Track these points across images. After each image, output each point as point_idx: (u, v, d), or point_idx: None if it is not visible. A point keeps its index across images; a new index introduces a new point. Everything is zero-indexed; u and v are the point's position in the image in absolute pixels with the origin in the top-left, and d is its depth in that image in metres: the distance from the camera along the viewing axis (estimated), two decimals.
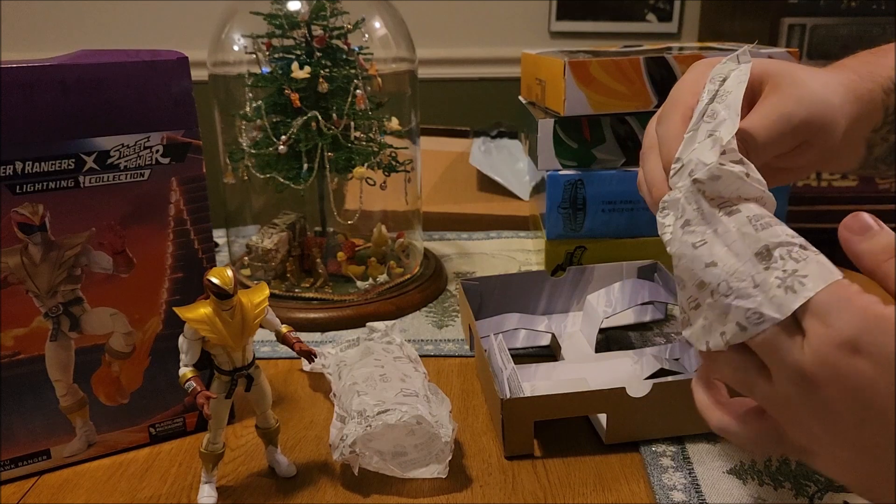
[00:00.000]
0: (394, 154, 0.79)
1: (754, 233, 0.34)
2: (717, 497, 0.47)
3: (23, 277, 0.48)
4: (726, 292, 0.34)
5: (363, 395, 0.50)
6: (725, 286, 0.34)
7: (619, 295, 0.67)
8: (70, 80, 0.46)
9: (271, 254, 0.77)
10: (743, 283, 0.33)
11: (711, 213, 0.36)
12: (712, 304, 0.35)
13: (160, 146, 0.50)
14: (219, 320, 0.44)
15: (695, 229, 0.36)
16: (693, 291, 0.36)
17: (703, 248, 0.35)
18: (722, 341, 0.35)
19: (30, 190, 0.47)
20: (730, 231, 0.35)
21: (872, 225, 0.32)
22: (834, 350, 0.30)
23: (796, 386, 0.32)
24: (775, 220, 0.35)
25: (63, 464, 0.52)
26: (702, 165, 0.36)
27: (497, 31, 2.27)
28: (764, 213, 0.35)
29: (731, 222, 0.35)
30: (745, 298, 0.33)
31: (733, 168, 0.36)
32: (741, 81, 0.39)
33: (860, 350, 0.29)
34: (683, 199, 0.37)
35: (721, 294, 0.34)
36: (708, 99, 0.39)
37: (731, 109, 0.38)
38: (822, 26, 1.80)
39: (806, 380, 0.31)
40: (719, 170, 0.36)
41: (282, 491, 0.49)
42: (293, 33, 0.74)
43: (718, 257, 0.35)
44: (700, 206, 0.36)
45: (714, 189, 0.36)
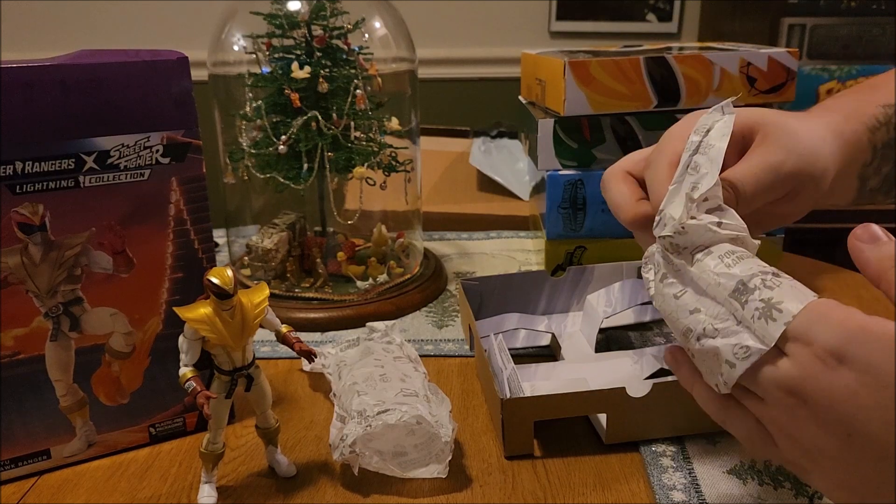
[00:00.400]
0: (394, 154, 0.79)
1: (728, 270, 0.35)
2: (717, 497, 0.47)
3: (23, 277, 0.48)
4: (712, 335, 0.35)
5: (363, 395, 0.50)
6: (711, 329, 0.35)
7: (619, 295, 0.67)
8: (70, 79, 0.46)
9: (271, 254, 0.77)
10: (726, 322, 0.34)
11: (682, 265, 0.37)
12: (700, 349, 0.36)
13: (160, 146, 0.50)
14: (219, 320, 0.44)
15: (672, 281, 0.38)
16: (682, 341, 0.37)
17: (685, 297, 0.37)
18: (722, 382, 0.35)
19: (30, 190, 0.47)
20: (703, 276, 0.36)
21: (881, 236, 0.33)
22: (818, 363, 0.30)
23: (785, 403, 0.32)
24: (747, 252, 0.36)
25: (63, 464, 0.52)
26: (671, 220, 0.37)
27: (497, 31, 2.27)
28: (735, 249, 0.36)
29: (704, 266, 0.36)
30: (730, 336, 0.34)
31: (701, 221, 0.37)
32: (724, 134, 0.39)
33: (843, 361, 0.30)
34: (658, 255, 0.39)
35: (707, 337, 0.35)
36: (692, 150, 0.40)
37: (712, 163, 0.38)
38: (822, 26, 1.80)
39: (793, 395, 0.32)
40: (686, 226, 0.37)
41: (282, 491, 0.49)
42: (293, 33, 0.74)
43: (699, 303, 0.36)
44: (670, 260, 0.38)
45: (685, 241, 0.37)
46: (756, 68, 0.74)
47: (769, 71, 0.74)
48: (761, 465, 0.50)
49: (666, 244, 0.38)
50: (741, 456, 0.51)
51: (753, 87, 0.75)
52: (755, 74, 0.74)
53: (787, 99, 0.76)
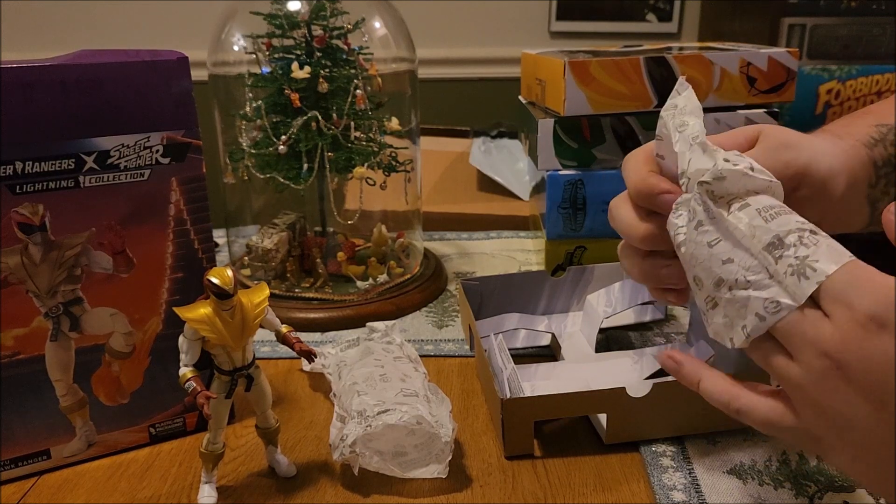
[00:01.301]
0: (394, 154, 0.79)
1: (764, 224, 0.34)
2: (717, 497, 0.47)
3: (23, 277, 0.48)
4: (744, 286, 0.34)
5: (363, 395, 0.50)
6: (743, 280, 0.34)
7: (619, 295, 0.67)
8: (70, 80, 0.46)
9: (271, 254, 0.77)
10: (758, 275, 0.34)
11: (720, 213, 0.37)
12: (731, 299, 0.35)
13: (160, 146, 0.50)
14: (219, 320, 0.44)
15: (708, 229, 0.37)
16: (711, 290, 0.37)
17: (719, 246, 0.36)
18: (743, 335, 0.35)
19: (30, 190, 0.47)
20: (740, 227, 0.35)
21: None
22: (859, 329, 0.30)
23: (821, 368, 0.32)
24: (786, 208, 0.35)
25: (63, 464, 0.52)
26: (703, 171, 0.37)
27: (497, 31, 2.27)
28: (774, 204, 0.36)
29: (741, 218, 0.35)
30: (762, 289, 0.34)
31: (736, 166, 0.37)
32: (690, 95, 0.42)
33: (885, 326, 0.29)
34: (693, 202, 0.38)
35: (739, 288, 0.35)
36: (671, 123, 0.41)
37: (694, 112, 0.40)
38: (822, 26, 1.80)
39: (831, 360, 0.31)
40: (723, 171, 0.36)
41: (282, 491, 0.49)
42: (293, 33, 0.74)
43: (733, 254, 0.35)
44: (708, 207, 0.37)
45: (722, 188, 0.37)
46: (756, 68, 0.74)
47: (769, 71, 0.74)
48: (762, 465, 0.50)
49: (703, 191, 0.37)
50: (741, 456, 0.51)
51: (753, 87, 0.75)
52: (755, 74, 0.74)
53: (787, 99, 0.76)
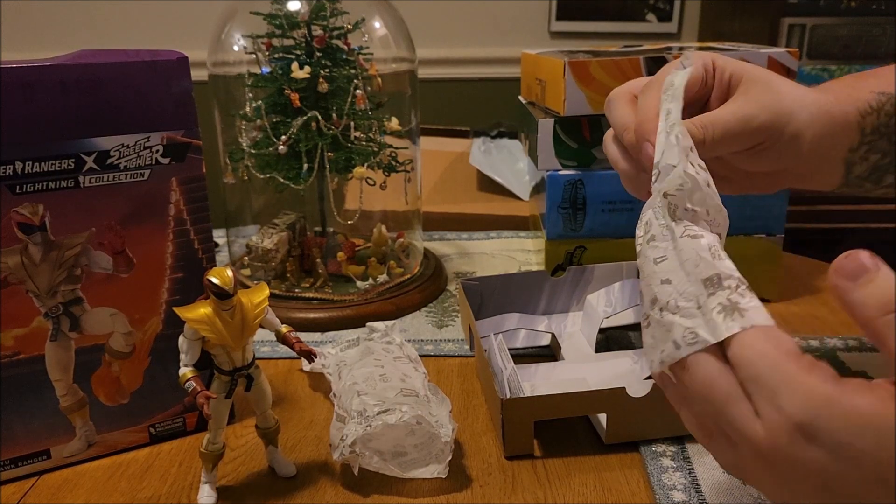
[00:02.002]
0: (394, 154, 0.79)
1: (710, 260, 0.34)
2: (717, 497, 0.47)
3: (23, 277, 0.48)
4: (673, 310, 0.34)
5: (363, 395, 0.50)
6: (674, 304, 0.34)
7: (619, 295, 0.67)
8: (70, 80, 0.46)
9: (271, 254, 0.77)
10: (689, 303, 0.34)
11: (672, 230, 0.37)
12: (659, 321, 0.35)
13: (160, 146, 0.50)
14: (219, 320, 0.44)
15: (658, 245, 0.37)
16: (647, 307, 0.36)
17: (663, 265, 0.36)
18: (658, 360, 0.34)
19: (30, 190, 0.47)
20: (688, 251, 0.35)
21: (869, 266, 0.28)
22: (787, 437, 0.28)
23: (754, 462, 0.30)
24: (729, 259, 0.35)
25: (63, 464, 0.52)
26: (670, 168, 0.38)
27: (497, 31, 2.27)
28: (721, 249, 0.36)
29: (692, 244, 0.35)
30: (687, 318, 0.33)
31: (699, 175, 0.37)
32: (684, 78, 0.44)
33: (814, 438, 0.27)
34: (651, 214, 0.38)
35: (669, 311, 0.34)
36: (661, 106, 0.43)
37: (676, 102, 0.42)
38: (822, 26, 1.80)
39: (762, 459, 0.30)
40: (686, 176, 0.37)
41: (282, 491, 0.49)
42: (293, 33, 0.74)
43: (673, 275, 0.35)
44: (667, 222, 0.37)
45: (682, 199, 0.37)
46: None
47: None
48: None
49: (666, 204, 0.37)
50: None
51: None
52: None
53: None
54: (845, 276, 0.28)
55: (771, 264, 0.76)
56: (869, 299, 0.27)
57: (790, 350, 0.29)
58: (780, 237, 0.77)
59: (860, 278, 0.28)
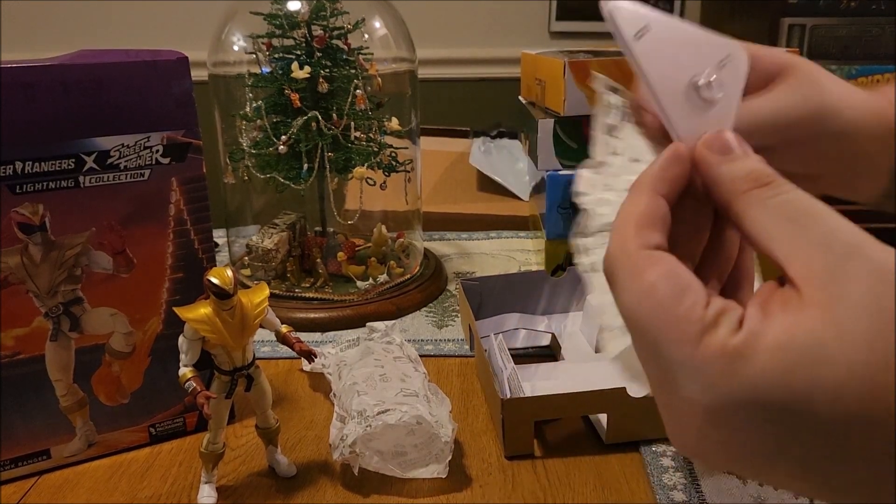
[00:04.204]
0: (394, 154, 0.79)
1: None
2: (717, 497, 0.47)
3: (23, 277, 0.48)
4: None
5: (363, 395, 0.50)
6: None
7: None
8: (70, 80, 0.46)
9: (271, 254, 0.77)
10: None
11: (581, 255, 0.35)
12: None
13: (160, 146, 0.50)
14: (219, 320, 0.44)
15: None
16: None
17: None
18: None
19: (30, 190, 0.47)
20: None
21: (734, 147, 0.27)
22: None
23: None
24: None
25: (63, 464, 0.52)
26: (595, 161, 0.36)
27: (497, 31, 2.27)
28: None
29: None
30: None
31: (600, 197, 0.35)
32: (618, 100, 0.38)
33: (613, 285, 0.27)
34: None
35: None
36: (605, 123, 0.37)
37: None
38: (821, 26, 1.80)
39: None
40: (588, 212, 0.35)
41: (282, 491, 0.49)
42: (293, 33, 0.74)
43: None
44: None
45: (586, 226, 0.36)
46: None
47: None
48: None
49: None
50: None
51: None
52: None
53: None
54: (715, 149, 0.27)
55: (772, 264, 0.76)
56: (738, 172, 0.26)
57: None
58: None
59: (730, 154, 0.27)
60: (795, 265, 0.23)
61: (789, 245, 0.24)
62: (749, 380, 0.22)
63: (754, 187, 0.25)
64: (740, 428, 0.22)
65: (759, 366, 0.22)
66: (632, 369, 0.31)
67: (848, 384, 0.21)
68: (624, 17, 0.29)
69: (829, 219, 0.24)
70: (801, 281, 0.23)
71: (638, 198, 0.27)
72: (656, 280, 0.24)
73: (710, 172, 0.27)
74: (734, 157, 0.27)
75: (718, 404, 0.22)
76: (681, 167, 0.27)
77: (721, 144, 0.27)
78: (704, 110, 0.30)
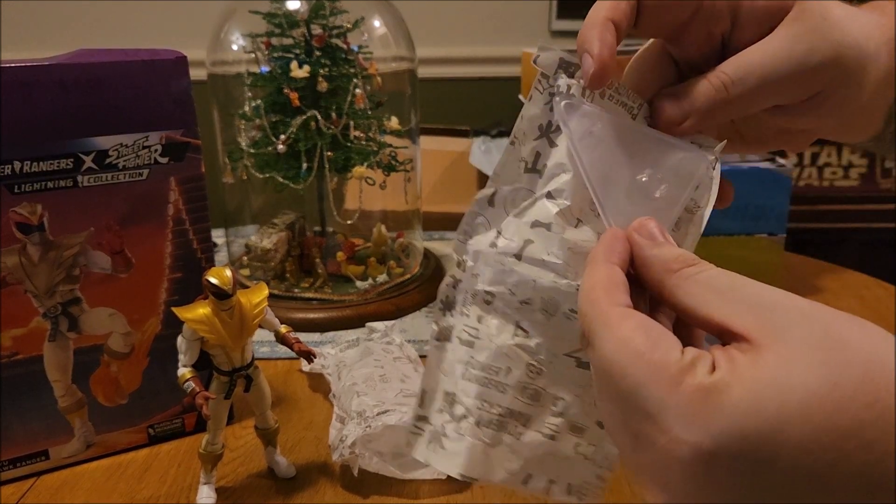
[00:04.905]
0: (393, 153, 0.79)
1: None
2: None
3: (21, 277, 0.48)
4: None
5: (363, 396, 0.50)
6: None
7: None
8: (69, 79, 0.46)
9: (270, 254, 0.77)
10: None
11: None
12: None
13: (159, 146, 0.50)
14: (218, 320, 0.44)
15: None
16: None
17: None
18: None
19: (28, 189, 0.47)
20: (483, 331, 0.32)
21: (659, 236, 0.29)
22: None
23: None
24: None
25: (62, 464, 0.52)
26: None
27: (497, 30, 2.27)
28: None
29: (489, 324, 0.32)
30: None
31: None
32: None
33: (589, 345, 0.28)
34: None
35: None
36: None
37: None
38: None
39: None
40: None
41: (281, 492, 0.49)
42: (292, 32, 0.74)
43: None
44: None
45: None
46: None
47: None
48: None
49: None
50: None
51: None
52: None
53: None
54: (644, 235, 0.29)
55: (772, 264, 0.76)
56: (668, 255, 0.28)
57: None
58: (781, 237, 0.77)
59: (656, 240, 0.29)
60: (737, 322, 0.25)
61: (726, 308, 0.26)
62: (728, 411, 0.23)
63: (684, 266, 0.27)
64: (723, 464, 0.23)
65: (735, 397, 0.23)
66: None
67: (811, 403, 0.22)
68: (573, 116, 0.31)
69: (754, 286, 0.26)
70: (747, 332, 0.25)
71: (595, 269, 0.29)
72: (631, 331, 0.26)
73: (642, 254, 0.29)
74: (661, 243, 0.29)
75: (704, 440, 0.23)
76: (623, 243, 0.29)
77: (648, 232, 0.29)
78: (642, 204, 0.31)
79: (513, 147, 0.32)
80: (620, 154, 0.31)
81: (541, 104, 0.31)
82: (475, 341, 0.32)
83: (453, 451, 0.32)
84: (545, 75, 0.31)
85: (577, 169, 0.30)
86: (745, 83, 0.32)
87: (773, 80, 0.32)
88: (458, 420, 0.32)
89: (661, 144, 0.32)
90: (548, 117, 0.31)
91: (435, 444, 0.33)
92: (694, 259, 0.28)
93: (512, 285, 0.31)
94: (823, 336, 0.24)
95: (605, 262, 0.29)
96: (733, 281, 0.27)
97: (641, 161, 0.31)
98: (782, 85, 0.32)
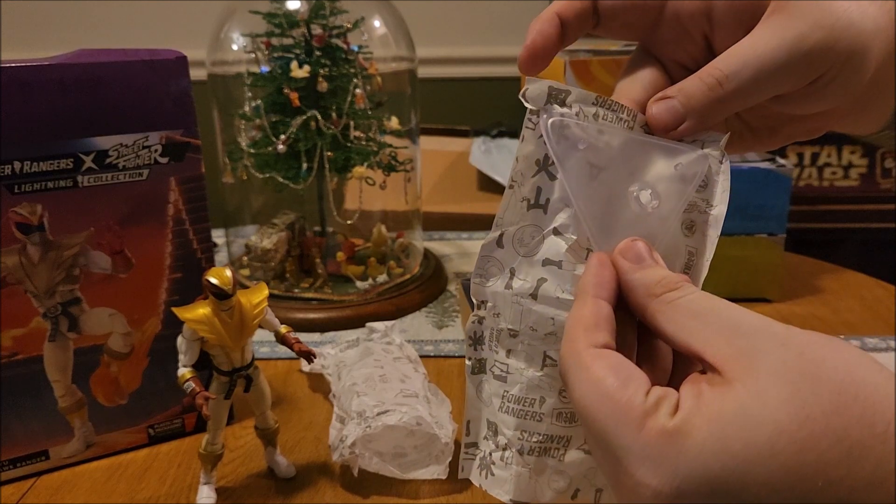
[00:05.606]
0: (393, 153, 0.79)
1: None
2: None
3: (21, 278, 0.48)
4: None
5: (363, 396, 0.50)
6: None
7: None
8: (69, 79, 0.46)
9: (270, 254, 0.77)
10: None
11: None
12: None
13: (159, 146, 0.50)
14: (217, 320, 0.44)
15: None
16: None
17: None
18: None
19: (28, 190, 0.47)
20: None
21: (646, 257, 0.29)
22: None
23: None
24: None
25: (62, 464, 0.52)
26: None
27: (497, 30, 2.27)
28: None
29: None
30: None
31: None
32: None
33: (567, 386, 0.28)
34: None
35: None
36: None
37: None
38: None
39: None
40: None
41: (281, 492, 0.49)
42: (292, 32, 0.74)
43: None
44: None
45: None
46: None
47: None
48: None
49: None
50: None
51: None
52: None
53: None
54: (629, 258, 0.29)
55: (772, 264, 0.76)
56: (650, 279, 0.28)
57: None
58: (781, 237, 0.77)
59: (642, 263, 0.29)
60: (711, 351, 0.25)
61: (703, 334, 0.26)
62: (691, 453, 0.23)
63: (665, 291, 0.28)
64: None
65: (699, 439, 0.23)
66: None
67: (778, 440, 0.23)
68: (564, 146, 0.30)
69: (732, 310, 0.26)
70: (720, 363, 0.25)
71: (582, 303, 0.29)
72: (602, 373, 0.26)
73: (625, 279, 0.29)
74: (646, 266, 0.29)
75: (666, 483, 0.24)
76: (609, 270, 0.29)
77: (634, 254, 0.29)
78: (636, 223, 0.31)
79: (512, 190, 0.32)
80: (616, 173, 0.31)
81: (534, 140, 0.31)
82: (507, 376, 0.33)
83: (501, 478, 0.34)
84: (533, 111, 0.31)
85: (571, 202, 0.31)
86: (739, 77, 0.31)
87: (767, 70, 0.31)
88: (503, 449, 0.33)
89: (659, 152, 0.32)
90: (543, 151, 0.31)
91: (485, 470, 0.34)
92: (676, 282, 0.28)
93: (532, 322, 0.32)
94: (797, 363, 0.24)
95: (591, 297, 0.29)
96: (713, 305, 0.27)
97: (639, 175, 0.31)
98: (777, 74, 0.31)
